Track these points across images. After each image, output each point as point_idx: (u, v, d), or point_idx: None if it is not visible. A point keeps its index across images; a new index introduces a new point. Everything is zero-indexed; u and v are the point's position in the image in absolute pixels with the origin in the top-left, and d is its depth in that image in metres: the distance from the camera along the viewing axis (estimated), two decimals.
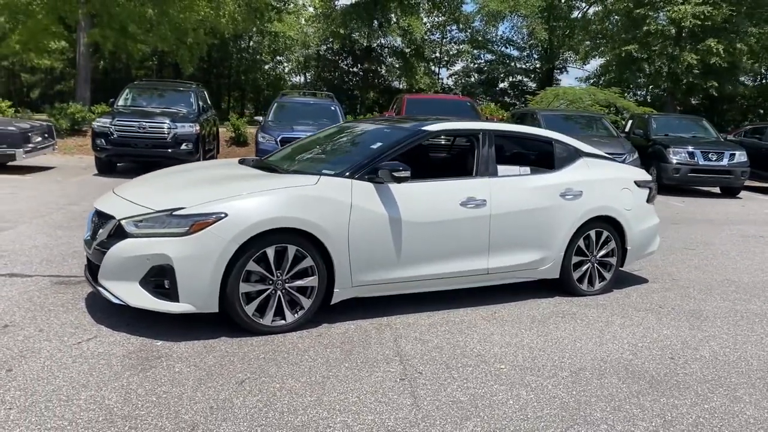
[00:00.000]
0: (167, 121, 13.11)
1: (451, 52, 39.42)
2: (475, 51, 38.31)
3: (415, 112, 14.69)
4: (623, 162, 13.42)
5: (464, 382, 3.80)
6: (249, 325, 4.33)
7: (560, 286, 5.77)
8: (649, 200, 6.17)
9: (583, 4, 32.80)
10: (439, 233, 4.93)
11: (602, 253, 5.84)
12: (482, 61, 38.85)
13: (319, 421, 3.25)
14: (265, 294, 4.36)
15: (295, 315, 4.48)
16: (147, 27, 21.20)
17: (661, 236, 6.69)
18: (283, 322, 4.44)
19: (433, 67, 38.27)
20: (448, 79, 39.80)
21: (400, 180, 4.68)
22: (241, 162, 5.56)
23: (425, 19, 35.75)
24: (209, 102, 16.35)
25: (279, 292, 4.40)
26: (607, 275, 5.90)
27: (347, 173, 4.72)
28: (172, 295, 4.14)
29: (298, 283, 4.46)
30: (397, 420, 3.31)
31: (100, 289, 4.32)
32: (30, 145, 12.80)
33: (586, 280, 5.79)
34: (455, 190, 5.05)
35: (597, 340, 4.66)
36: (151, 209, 4.26)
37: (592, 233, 5.73)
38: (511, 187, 5.30)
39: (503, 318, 5.04)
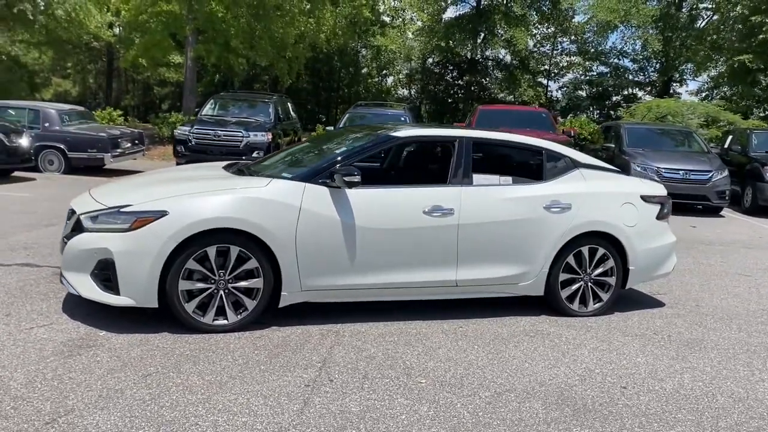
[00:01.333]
0: (241, 130, 13.74)
1: (561, 64, 38.30)
2: (587, 63, 36.98)
3: (487, 123, 14.43)
4: (708, 180, 12.50)
5: (369, 394, 3.68)
6: (189, 322, 4.43)
7: (548, 304, 5.43)
8: (661, 217, 5.66)
9: (703, 13, 30.71)
10: (399, 241, 4.81)
11: (598, 271, 5.43)
12: (594, 73, 37.44)
13: (191, 419, 3.27)
14: (207, 293, 4.45)
15: (238, 316, 4.53)
16: (249, 42, 22.28)
17: (723, 260, 6.10)
18: (224, 321, 4.50)
19: (541, 80, 37.36)
20: (557, 91, 38.68)
21: (351, 185, 4.63)
22: (227, 166, 5.71)
23: (535, 31, 35.03)
24: (292, 113, 16.93)
25: (221, 292, 4.47)
26: (604, 296, 5.47)
27: (302, 177, 4.73)
28: (114, 288, 4.33)
29: (243, 284, 4.51)
30: (269, 424, 3.26)
31: (61, 279, 4.59)
32: (118, 150, 13.84)
33: (577, 300, 5.41)
34: (419, 197, 4.90)
35: (551, 363, 4.34)
36: (105, 206, 4.49)
37: (585, 250, 5.34)
38: (486, 197, 5.07)
39: (465, 333, 4.82)
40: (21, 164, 12.14)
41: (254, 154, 13.54)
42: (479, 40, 32.89)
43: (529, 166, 5.63)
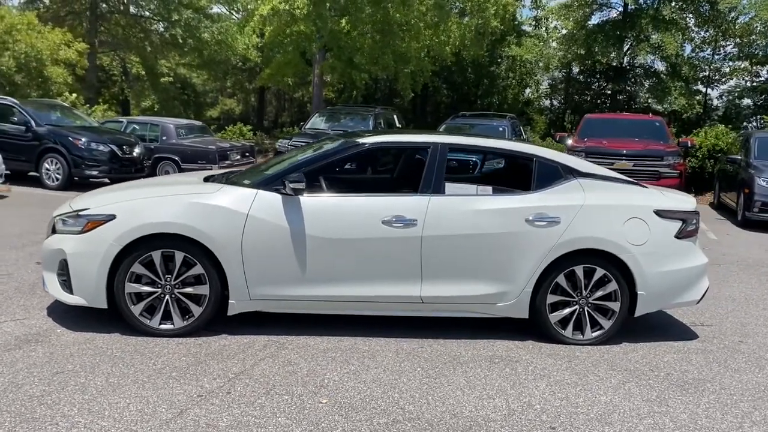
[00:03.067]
0: None
1: (723, 70, 34.89)
2: (755, 68, 33.34)
3: (592, 133, 13.53)
4: None
5: (255, 410, 3.50)
6: (136, 325, 4.52)
7: (538, 329, 4.88)
8: (683, 235, 4.87)
9: None
10: (354, 252, 4.57)
11: (597, 295, 4.79)
12: (762, 79, 33.66)
13: (55, 418, 3.30)
14: (154, 297, 4.51)
15: (185, 321, 4.55)
16: (373, 58, 22.74)
17: None
18: (171, 326, 4.54)
19: (699, 87, 34.30)
20: (717, 100, 35.27)
21: (296, 191, 4.48)
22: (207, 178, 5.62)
23: (692, 35, 32.29)
24: (397, 123, 16.99)
25: (168, 297, 4.51)
26: (606, 323, 4.81)
27: (257, 184, 4.66)
28: (69, 287, 4.53)
29: (189, 290, 4.52)
30: (121, 429, 3.20)
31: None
32: (227, 162, 14.66)
33: (571, 326, 4.80)
34: (379, 207, 4.62)
35: (490, 394, 3.87)
36: (71, 210, 4.72)
37: (579, 270, 4.74)
38: (456, 208, 4.66)
39: (418, 354, 4.46)
40: (135, 173, 13.23)
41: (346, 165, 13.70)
42: (626, 47, 30.93)
43: (515, 175, 5.12)
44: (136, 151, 13.19)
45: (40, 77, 17.54)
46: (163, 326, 4.54)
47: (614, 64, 31.47)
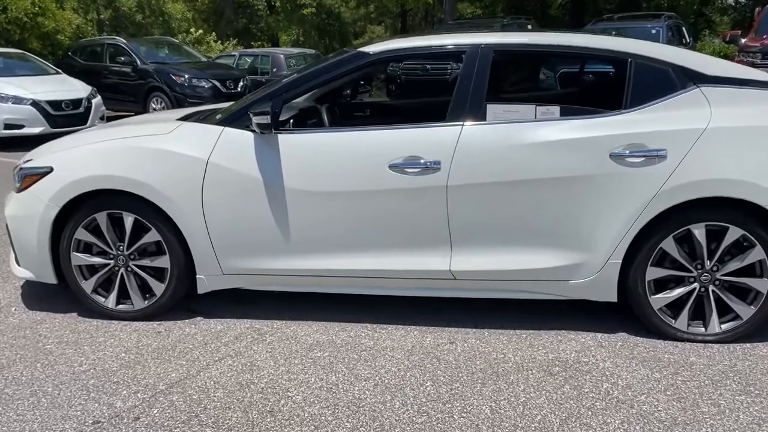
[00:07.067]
0: (451, 62, 12.37)
1: None
2: None
3: None
4: None
5: (156, 411, 2.41)
6: (89, 304, 3.60)
7: (631, 318, 3.30)
8: None
9: None
10: (353, 211, 3.25)
11: (730, 267, 3.08)
12: None
13: None
14: (106, 270, 3.54)
15: (146, 302, 3.55)
16: None
17: None
18: (130, 307, 3.56)
19: None
20: None
21: (261, 128, 3.21)
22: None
23: None
24: None
25: (122, 270, 3.52)
26: (744, 310, 3.10)
27: (224, 119, 3.45)
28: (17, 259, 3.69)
29: (146, 262, 3.49)
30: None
31: None
32: None
33: (685, 314, 3.16)
34: (385, 145, 3.22)
35: (486, 419, 2.46)
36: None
37: (699, 230, 3.04)
38: (501, 142, 3.13)
39: (438, 356, 3.09)
40: None
41: None
42: None
43: (598, 88, 3.41)
44: (241, 85, 12.51)
45: (161, 15, 17.39)
46: (121, 306, 3.57)
47: None
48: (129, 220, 3.42)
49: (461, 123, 3.18)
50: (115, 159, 3.38)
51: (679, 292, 3.15)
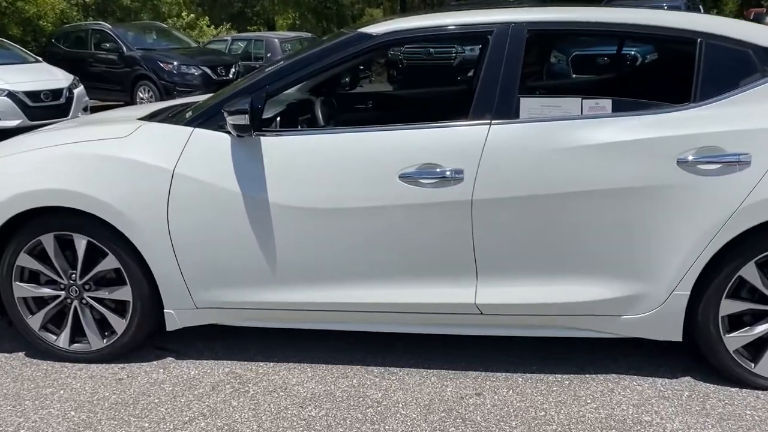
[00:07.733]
0: (456, 45, 11.70)
1: None
2: None
3: None
4: None
5: None
6: (37, 344, 2.98)
7: (701, 360, 2.69)
8: None
9: None
10: (357, 231, 2.62)
11: None
12: None
13: None
14: (57, 303, 2.92)
15: (105, 340, 2.93)
16: None
17: None
18: (86, 346, 2.94)
19: None
20: None
21: (237, 130, 2.57)
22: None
23: None
24: None
25: (75, 303, 2.90)
26: None
27: (194, 117, 2.81)
28: None
29: (104, 293, 2.87)
30: None
31: None
32: None
33: None
34: (395, 150, 2.59)
35: None
36: None
37: None
38: (539, 145, 2.50)
39: (462, 415, 2.48)
40: None
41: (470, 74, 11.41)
42: None
43: (661, 75, 2.76)
44: (233, 71, 11.84)
45: None
46: (76, 346, 2.96)
47: None
48: (81, 243, 2.79)
49: (488, 122, 2.55)
50: (59, 169, 2.75)
51: (762, 330, 2.53)
